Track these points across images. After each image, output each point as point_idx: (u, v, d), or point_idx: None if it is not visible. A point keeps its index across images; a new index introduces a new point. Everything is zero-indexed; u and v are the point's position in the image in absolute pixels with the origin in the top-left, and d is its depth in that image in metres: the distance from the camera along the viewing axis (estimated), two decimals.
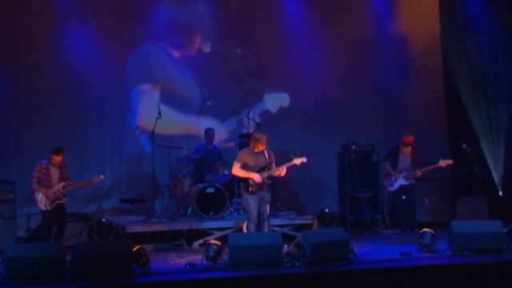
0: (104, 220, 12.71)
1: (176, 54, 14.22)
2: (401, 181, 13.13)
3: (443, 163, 12.85)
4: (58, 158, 11.52)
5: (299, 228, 12.46)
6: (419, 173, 12.94)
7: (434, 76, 15.10)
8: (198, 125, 14.10)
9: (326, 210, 13.80)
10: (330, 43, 14.49)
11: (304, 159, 11.36)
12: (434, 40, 15.07)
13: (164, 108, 13.24)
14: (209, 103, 14.30)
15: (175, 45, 14.20)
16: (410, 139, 13.12)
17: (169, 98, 13.94)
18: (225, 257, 10.45)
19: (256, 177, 11.12)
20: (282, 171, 11.24)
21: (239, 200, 12.42)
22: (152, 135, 12.86)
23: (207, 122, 14.02)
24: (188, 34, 14.22)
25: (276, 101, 14.56)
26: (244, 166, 11.23)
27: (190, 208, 12.84)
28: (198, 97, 14.32)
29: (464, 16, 14.71)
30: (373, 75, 14.77)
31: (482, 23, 14.51)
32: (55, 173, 11.55)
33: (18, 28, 13.13)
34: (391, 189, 13.27)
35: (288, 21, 14.46)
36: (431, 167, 12.93)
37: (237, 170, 11.27)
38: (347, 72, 14.64)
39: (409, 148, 13.14)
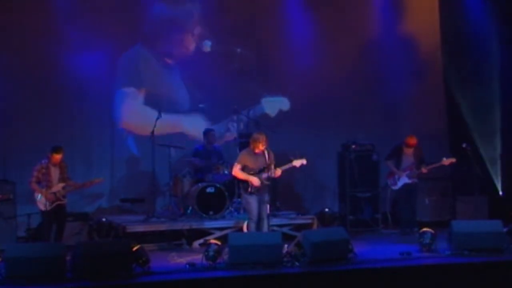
0: (104, 219, 12.71)
1: (171, 54, 14.20)
2: (404, 180, 13.15)
3: (446, 161, 12.90)
4: (57, 156, 11.49)
5: (299, 227, 12.47)
6: (424, 169, 12.95)
7: (434, 76, 15.12)
8: (183, 123, 14.06)
9: (326, 210, 13.81)
10: (330, 44, 14.49)
11: (304, 161, 11.34)
12: (434, 40, 15.09)
13: (149, 110, 13.17)
14: (202, 105, 14.25)
15: (170, 45, 14.17)
16: (413, 141, 13.12)
17: (157, 100, 13.86)
18: (225, 256, 10.45)
19: (255, 181, 11.13)
20: (277, 172, 11.24)
21: (239, 199, 12.42)
22: (152, 135, 12.85)
23: (193, 120, 13.99)
24: (184, 34, 14.20)
25: (275, 105, 14.53)
26: (244, 168, 11.24)
27: (190, 208, 12.84)
28: (192, 99, 14.26)
29: (464, 16, 14.73)
30: (372, 76, 14.79)
31: (482, 24, 14.53)
32: (55, 173, 11.53)
33: (16, 29, 13.13)
34: (395, 188, 13.29)
35: (288, 21, 14.47)
36: (435, 165, 12.97)
37: (236, 172, 11.29)
38: (347, 72, 14.62)
39: (412, 148, 13.17)
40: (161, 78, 14.13)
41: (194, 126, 13.90)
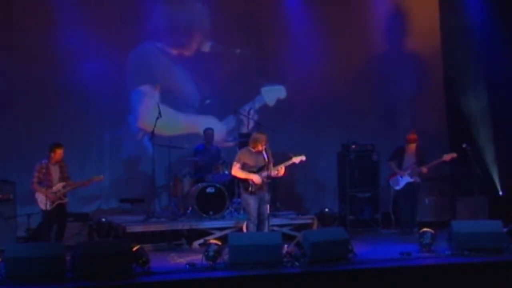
0: (104, 220, 12.69)
1: (175, 53, 14.23)
2: (406, 179, 13.19)
3: (447, 157, 12.98)
4: (59, 151, 11.48)
5: (299, 228, 12.47)
6: (424, 169, 13.01)
7: (434, 76, 15.12)
8: (198, 123, 14.07)
9: (326, 210, 13.79)
10: (331, 44, 14.48)
11: (303, 158, 11.35)
12: (435, 40, 15.08)
13: (164, 108, 13.21)
14: (208, 101, 14.29)
15: (174, 44, 14.19)
16: (414, 136, 13.23)
17: (168, 98, 13.95)
18: (225, 256, 10.45)
19: (256, 178, 11.12)
20: (280, 170, 11.25)
21: (239, 199, 12.42)
22: (152, 135, 12.85)
23: (207, 121, 14.02)
24: (187, 34, 14.21)
25: (273, 94, 14.55)
26: (244, 166, 11.23)
27: (190, 208, 12.84)
28: (197, 96, 14.32)
29: (465, 17, 14.75)
30: (373, 76, 14.79)
31: (482, 27, 14.56)
32: (55, 173, 11.54)
33: (17, 28, 13.13)
34: (398, 187, 13.30)
35: (289, 20, 14.46)
36: (436, 162, 13.05)
37: (236, 171, 11.27)
38: (347, 72, 14.64)
39: (414, 146, 13.24)
40: (172, 72, 14.15)
41: (206, 124, 13.87)
